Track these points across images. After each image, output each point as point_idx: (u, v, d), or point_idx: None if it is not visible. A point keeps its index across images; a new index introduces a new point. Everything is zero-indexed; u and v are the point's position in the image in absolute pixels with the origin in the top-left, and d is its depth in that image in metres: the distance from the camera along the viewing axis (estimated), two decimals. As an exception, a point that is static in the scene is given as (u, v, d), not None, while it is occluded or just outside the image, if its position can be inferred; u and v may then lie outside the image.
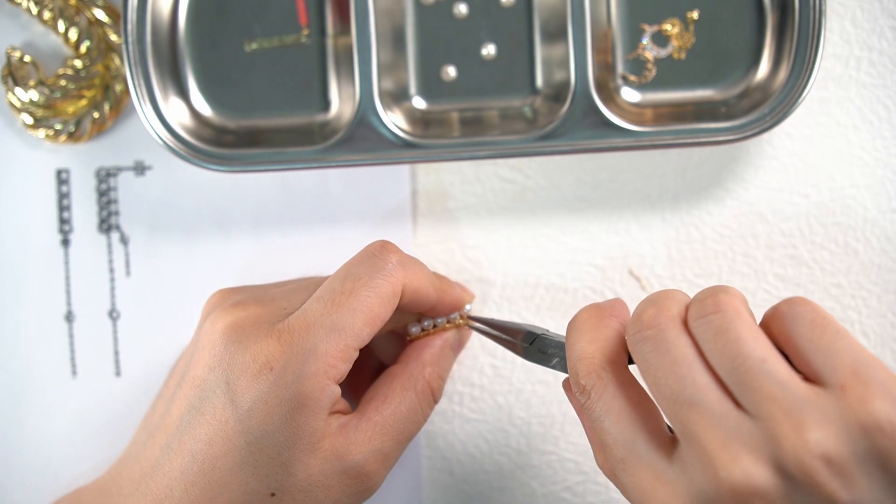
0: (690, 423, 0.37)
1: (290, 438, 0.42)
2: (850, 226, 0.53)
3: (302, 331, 0.43)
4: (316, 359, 0.42)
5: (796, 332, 0.38)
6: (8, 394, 0.54)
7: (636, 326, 0.40)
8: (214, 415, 0.43)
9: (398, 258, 0.45)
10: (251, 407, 0.42)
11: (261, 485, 0.43)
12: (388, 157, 0.51)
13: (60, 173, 0.54)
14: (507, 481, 0.54)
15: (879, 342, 0.53)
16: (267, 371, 0.42)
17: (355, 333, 0.43)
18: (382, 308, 0.44)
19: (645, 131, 0.50)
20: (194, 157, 0.50)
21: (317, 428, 0.43)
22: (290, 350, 0.42)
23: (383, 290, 0.44)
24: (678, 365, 0.39)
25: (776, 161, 0.53)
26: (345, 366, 0.43)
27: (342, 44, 0.52)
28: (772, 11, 0.51)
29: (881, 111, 0.53)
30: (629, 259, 0.54)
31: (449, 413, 0.54)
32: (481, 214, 0.54)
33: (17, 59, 0.53)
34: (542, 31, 0.52)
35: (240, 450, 0.43)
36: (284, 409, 0.42)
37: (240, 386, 0.43)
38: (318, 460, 0.43)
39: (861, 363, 0.37)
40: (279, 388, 0.42)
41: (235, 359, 0.43)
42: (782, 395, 0.36)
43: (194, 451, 0.43)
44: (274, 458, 0.42)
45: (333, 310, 0.43)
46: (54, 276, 0.54)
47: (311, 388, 0.42)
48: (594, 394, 0.40)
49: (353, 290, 0.43)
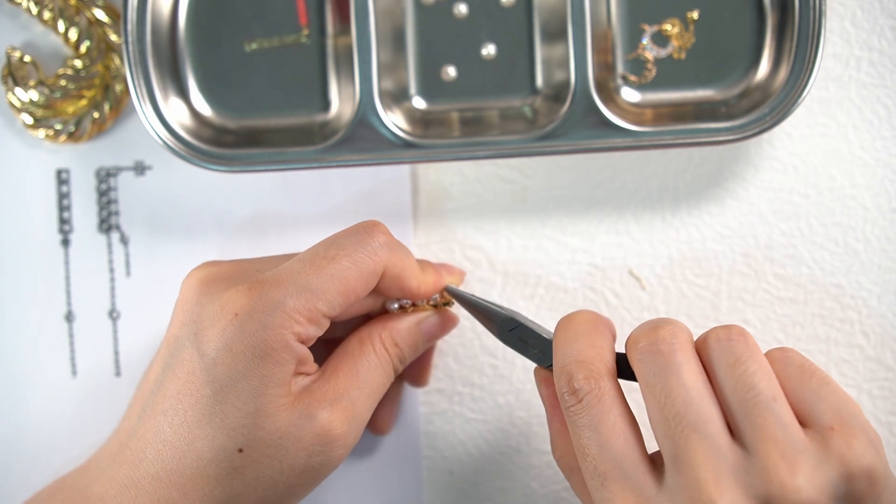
0: (687, 450, 0.38)
1: (254, 387, 0.42)
2: (850, 226, 0.53)
3: (273, 283, 0.42)
4: (282, 312, 0.42)
5: (786, 373, 0.40)
6: (8, 394, 0.54)
7: (649, 340, 0.41)
8: (183, 367, 0.43)
9: (386, 239, 0.44)
10: (216, 355, 0.42)
11: (228, 439, 0.42)
12: (388, 157, 0.51)
13: (60, 173, 0.54)
14: (507, 481, 0.54)
15: (879, 342, 0.53)
16: (233, 317, 0.42)
17: (327, 299, 0.42)
18: (360, 283, 0.43)
19: (645, 131, 0.50)
20: (194, 157, 0.50)
21: (282, 380, 0.42)
22: (259, 299, 0.42)
23: (364, 265, 0.43)
24: (687, 388, 0.39)
25: (776, 161, 0.53)
26: (311, 328, 0.42)
27: (342, 44, 0.52)
28: (772, 11, 0.51)
29: (881, 111, 0.53)
30: (629, 259, 0.54)
31: (449, 413, 0.54)
32: (481, 214, 0.54)
33: (17, 59, 0.53)
34: (542, 31, 0.52)
35: (206, 399, 0.42)
36: (248, 355, 0.41)
37: (207, 335, 0.42)
38: (284, 414, 0.42)
39: (846, 410, 0.39)
40: (243, 334, 0.42)
41: (205, 309, 0.43)
42: (783, 438, 0.38)
43: (165, 408, 0.43)
44: (239, 409, 0.42)
45: (311, 271, 0.43)
46: (54, 276, 0.54)
47: (274, 340, 0.42)
48: (589, 400, 0.41)
49: (334, 256, 0.43)
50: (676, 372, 0.40)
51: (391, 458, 0.54)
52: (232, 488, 0.42)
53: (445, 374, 0.54)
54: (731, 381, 0.39)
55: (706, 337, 0.41)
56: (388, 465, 0.54)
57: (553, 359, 0.43)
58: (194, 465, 0.42)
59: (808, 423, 0.39)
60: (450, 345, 0.54)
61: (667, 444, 0.39)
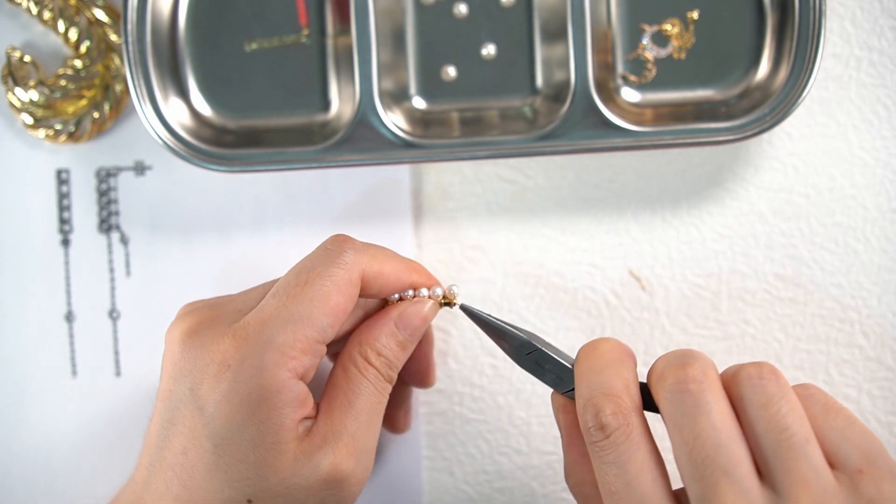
0: (717, 493, 0.37)
1: (255, 437, 0.41)
2: (850, 226, 0.53)
3: (257, 326, 0.42)
4: (273, 350, 0.41)
5: (811, 412, 0.39)
6: (8, 394, 0.54)
7: (677, 378, 0.40)
8: (184, 423, 0.42)
9: (353, 246, 0.44)
10: (215, 408, 0.41)
11: (235, 491, 0.42)
12: (388, 157, 0.51)
13: (60, 173, 0.54)
14: (507, 481, 0.54)
15: (879, 342, 0.53)
16: (225, 369, 0.41)
17: (314, 323, 0.42)
18: (341, 296, 0.43)
19: (645, 131, 0.50)
20: (194, 157, 0.50)
21: (282, 425, 0.41)
22: (247, 345, 0.41)
23: (339, 277, 0.43)
24: (717, 430, 0.38)
25: (776, 161, 0.53)
26: (307, 358, 0.42)
27: (342, 44, 0.52)
28: (772, 11, 0.51)
29: (881, 111, 0.53)
30: (629, 259, 0.54)
31: (449, 413, 0.54)
32: (481, 214, 0.54)
33: (17, 59, 0.53)
34: (542, 31, 0.52)
35: (209, 454, 0.42)
36: (246, 404, 0.41)
37: (203, 390, 0.42)
38: (288, 462, 0.41)
39: (873, 450, 0.39)
40: (238, 383, 0.41)
41: (196, 364, 0.42)
42: (815, 482, 0.37)
43: (173, 464, 0.43)
44: (242, 460, 0.41)
45: (289, 302, 0.42)
46: (54, 276, 0.54)
47: (271, 381, 0.41)
48: (617, 437, 0.39)
49: (307, 280, 0.42)
50: (706, 413, 0.39)
51: (391, 458, 0.54)
52: None
53: (445, 374, 0.54)
54: (763, 421, 0.38)
55: (736, 374, 0.40)
56: (388, 465, 0.54)
57: (577, 388, 0.42)
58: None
59: (835, 464, 0.39)
60: (450, 345, 0.54)
61: (695, 486, 0.38)
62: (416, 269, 0.46)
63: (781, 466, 0.38)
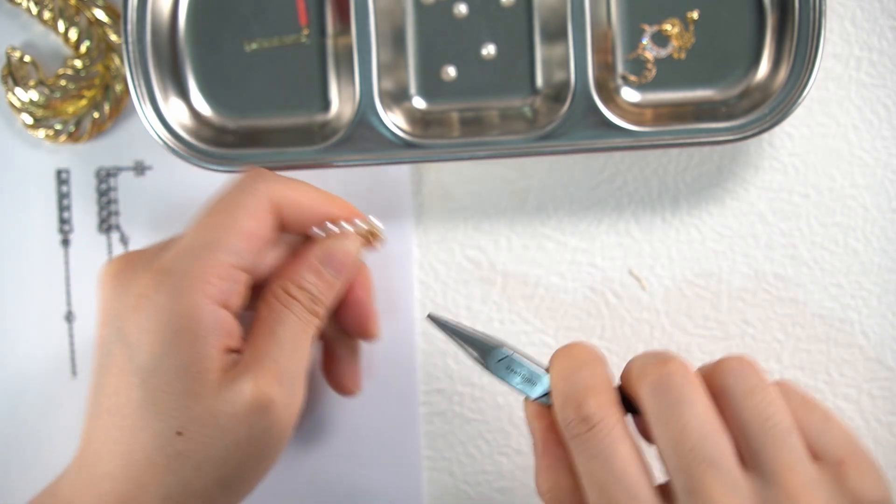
0: (704, 484, 0.38)
1: (178, 365, 0.41)
2: (850, 226, 0.53)
3: (172, 257, 0.42)
4: (187, 277, 0.41)
5: (791, 407, 0.40)
6: (8, 394, 0.54)
7: (659, 373, 0.40)
8: (115, 364, 0.42)
9: (265, 175, 0.44)
10: (137, 340, 0.41)
11: (163, 424, 0.41)
12: (388, 157, 0.51)
13: (60, 173, 0.54)
14: (507, 481, 0.54)
15: (879, 342, 0.53)
16: (143, 300, 0.41)
17: (226, 247, 0.42)
18: (252, 220, 0.43)
19: (645, 131, 0.50)
20: (194, 157, 0.50)
21: (205, 353, 0.41)
22: (161, 275, 0.42)
23: (249, 203, 0.43)
24: (702, 422, 0.39)
25: (776, 161, 0.53)
26: (224, 284, 0.42)
27: (342, 44, 0.52)
28: (772, 11, 0.51)
29: (881, 111, 0.53)
30: (629, 259, 0.54)
31: (449, 413, 0.54)
32: (481, 214, 0.54)
33: (17, 59, 0.53)
34: (542, 31, 0.52)
35: (137, 388, 0.41)
36: (167, 333, 0.41)
37: (127, 326, 0.42)
38: (212, 390, 0.41)
39: (852, 443, 0.40)
40: (156, 312, 0.41)
41: (121, 303, 0.43)
42: (801, 469, 0.38)
43: (108, 407, 0.43)
44: (168, 391, 0.41)
45: (200, 230, 0.42)
46: (54, 276, 0.54)
47: (187, 308, 0.41)
48: (601, 428, 0.40)
49: (217, 209, 0.43)
50: (690, 405, 0.39)
51: (391, 458, 0.54)
52: (182, 473, 0.42)
53: (445, 374, 0.54)
54: (748, 410, 0.39)
55: (717, 366, 0.41)
56: (388, 464, 0.54)
57: (555, 388, 0.42)
58: (142, 456, 0.42)
59: (817, 455, 0.39)
60: (450, 345, 0.54)
61: (681, 477, 0.38)
62: (335, 201, 0.46)
63: (767, 454, 0.38)
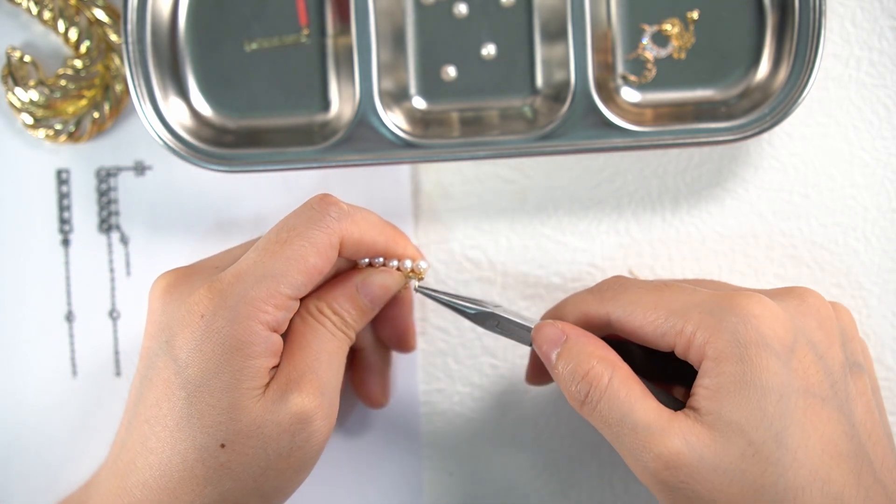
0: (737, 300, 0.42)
1: (227, 382, 0.42)
2: (850, 226, 0.53)
3: (232, 279, 0.43)
4: (245, 303, 0.42)
5: None
6: (8, 394, 0.54)
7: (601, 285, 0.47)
8: (160, 376, 0.43)
9: (338, 209, 0.44)
10: (188, 357, 0.42)
11: (208, 437, 0.42)
12: (388, 157, 0.51)
13: (60, 173, 0.54)
14: (508, 481, 0.54)
15: (879, 342, 0.53)
16: (198, 318, 0.42)
17: (288, 280, 0.43)
18: (319, 259, 0.43)
19: (645, 131, 0.50)
20: (194, 157, 0.50)
21: (255, 372, 0.42)
22: (221, 297, 0.42)
23: (319, 240, 0.43)
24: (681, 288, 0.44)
25: (776, 161, 0.53)
26: (280, 313, 0.43)
27: (342, 44, 0.52)
28: (772, 11, 0.51)
29: (881, 111, 0.53)
30: (629, 259, 0.54)
31: (449, 413, 0.54)
32: (481, 214, 0.54)
33: (17, 59, 0.53)
34: (542, 31, 0.52)
35: (182, 402, 0.42)
36: (218, 352, 0.42)
37: (178, 341, 0.42)
38: (258, 404, 0.42)
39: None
40: (211, 332, 0.42)
41: (172, 317, 0.43)
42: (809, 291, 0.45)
43: (148, 417, 0.43)
44: (215, 406, 0.42)
45: (266, 258, 0.43)
46: (54, 276, 0.54)
47: (242, 332, 0.42)
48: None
49: (287, 239, 0.43)
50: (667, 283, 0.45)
51: (391, 458, 0.54)
52: (222, 485, 0.42)
53: (445, 374, 0.54)
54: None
55: None
56: (388, 464, 0.54)
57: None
58: (180, 468, 0.42)
59: None
60: (450, 345, 0.54)
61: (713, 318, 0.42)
62: (394, 237, 0.47)
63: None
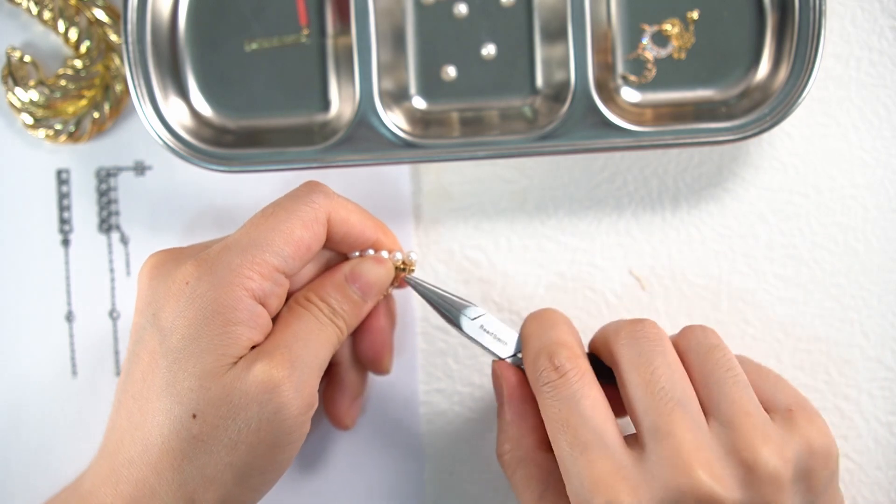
0: (671, 422, 0.41)
1: (204, 347, 0.41)
2: (850, 226, 0.53)
3: (218, 251, 0.43)
4: (229, 270, 0.42)
5: (746, 369, 0.44)
6: (8, 394, 0.54)
7: (633, 328, 0.44)
8: (146, 349, 0.43)
9: (323, 190, 0.45)
10: (172, 325, 0.42)
11: (181, 407, 0.42)
12: (388, 157, 0.51)
13: (60, 173, 0.54)
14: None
15: (879, 342, 0.53)
16: (184, 286, 0.42)
17: (273, 249, 0.43)
18: (305, 231, 0.43)
19: (645, 131, 0.50)
20: (194, 157, 0.50)
21: (234, 341, 0.42)
22: (206, 265, 0.42)
23: (305, 213, 0.44)
24: (671, 368, 0.43)
25: (776, 161, 0.53)
26: (266, 283, 0.43)
27: (342, 44, 0.52)
28: (772, 11, 0.51)
29: (881, 111, 0.53)
30: (629, 259, 0.54)
31: (449, 413, 0.54)
32: (481, 214, 0.54)
33: (17, 59, 0.53)
34: (542, 31, 0.52)
35: (164, 371, 0.42)
36: (200, 317, 0.42)
37: (164, 311, 0.42)
38: (230, 372, 0.42)
39: (802, 399, 0.45)
40: (195, 298, 0.42)
41: (159, 290, 0.43)
42: (756, 414, 0.42)
43: (134, 392, 0.43)
44: (189, 372, 0.41)
45: (251, 230, 0.43)
46: (54, 276, 0.54)
47: (225, 296, 0.42)
48: (572, 376, 0.43)
49: (273, 213, 0.44)
50: (662, 354, 0.43)
51: (392, 458, 0.54)
52: (197, 458, 0.42)
53: (445, 374, 0.54)
54: (710, 363, 0.43)
55: (682, 333, 0.45)
56: (388, 464, 0.54)
57: (526, 344, 0.46)
58: (160, 441, 0.42)
59: (769, 408, 0.44)
60: (450, 345, 0.54)
61: (648, 417, 0.41)
62: (383, 229, 0.47)
63: (726, 400, 0.42)
